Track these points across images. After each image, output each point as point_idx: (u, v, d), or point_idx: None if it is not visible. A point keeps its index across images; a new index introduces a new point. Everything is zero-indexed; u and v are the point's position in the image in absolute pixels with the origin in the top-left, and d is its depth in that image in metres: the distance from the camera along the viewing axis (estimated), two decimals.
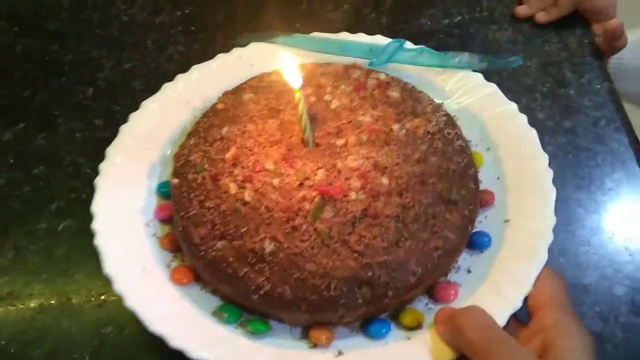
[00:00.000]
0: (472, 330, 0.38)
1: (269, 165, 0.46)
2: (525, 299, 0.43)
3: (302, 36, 0.62)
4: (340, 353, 0.42)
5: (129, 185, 0.51)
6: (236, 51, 0.60)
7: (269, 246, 0.43)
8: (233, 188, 0.46)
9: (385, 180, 0.46)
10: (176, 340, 0.42)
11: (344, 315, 0.43)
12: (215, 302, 0.46)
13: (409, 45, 0.59)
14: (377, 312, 0.44)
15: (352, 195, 0.45)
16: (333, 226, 0.43)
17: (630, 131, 0.61)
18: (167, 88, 0.57)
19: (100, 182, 0.50)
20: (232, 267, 0.44)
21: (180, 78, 0.58)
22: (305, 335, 0.44)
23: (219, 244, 0.45)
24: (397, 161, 0.47)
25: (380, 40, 0.60)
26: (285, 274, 0.43)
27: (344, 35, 0.61)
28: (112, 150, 0.52)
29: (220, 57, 0.60)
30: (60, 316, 0.50)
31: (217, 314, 0.45)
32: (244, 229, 0.44)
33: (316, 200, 0.44)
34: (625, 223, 0.54)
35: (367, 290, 0.43)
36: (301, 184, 0.45)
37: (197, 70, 0.58)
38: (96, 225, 0.47)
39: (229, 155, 0.48)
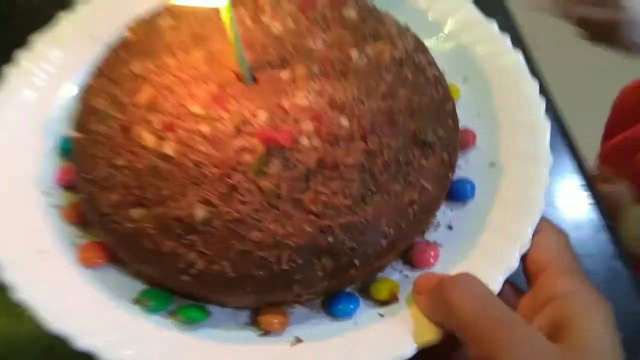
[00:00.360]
0: (467, 307, 0.30)
1: (196, 108, 0.36)
2: (522, 260, 0.35)
3: None
4: (297, 340, 0.34)
5: (16, 145, 0.40)
6: None
7: (200, 212, 0.33)
8: (150, 140, 0.35)
9: (344, 121, 0.36)
10: (85, 339, 0.32)
11: (301, 294, 0.35)
12: (137, 287, 0.36)
13: None
14: (341, 286, 0.36)
15: (304, 141, 0.35)
16: (281, 182, 0.34)
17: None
18: (65, 19, 0.45)
19: None
20: (153, 242, 0.34)
21: (82, 7, 0.46)
22: (253, 320, 0.35)
23: (136, 213, 0.34)
24: (359, 96, 0.37)
25: None
26: (223, 246, 0.33)
27: None
28: None
29: None
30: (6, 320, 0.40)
31: (139, 301, 0.35)
32: (166, 192, 0.34)
33: (258, 151, 0.35)
34: None
35: (329, 261, 0.34)
36: (238, 130, 0.35)
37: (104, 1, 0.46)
38: None
39: (142, 97, 0.37)
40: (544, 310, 0.31)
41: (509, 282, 0.35)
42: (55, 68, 0.43)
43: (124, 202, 0.35)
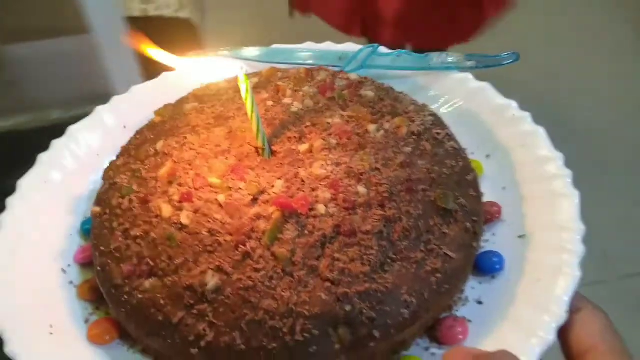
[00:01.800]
0: None
1: (213, 179, 0.36)
2: (561, 338, 0.32)
3: (259, 49, 0.54)
4: None
5: (43, 224, 0.40)
6: (185, 64, 0.51)
7: (212, 280, 0.32)
8: (167, 210, 0.35)
9: (362, 189, 0.35)
10: None
11: None
12: None
13: (383, 49, 0.51)
14: None
15: (321, 209, 0.34)
16: (297, 249, 0.33)
17: None
18: (101, 112, 0.48)
19: (5, 219, 0.40)
20: (163, 313, 0.33)
21: (117, 100, 0.49)
22: None
23: (147, 283, 0.34)
24: (376, 166, 0.37)
25: (351, 47, 0.52)
26: (234, 316, 0.32)
27: (309, 45, 0.53)
28: (25, 183, 0.42)
29: (165, 76, 0.51)
30: None
31: None
32: (179, 261, 0.33)
33: (274, 218, 0.34)
34: None
35: (346, 331, 0.31)
36: (254, 199, 0.35)
37: (136, 91, 0.49)
38: None
39: (163, 171, 0.38)
40: None
41: None
42: (86, 153, 0.45)
43: (137, 272, 0.34)
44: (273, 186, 0.36)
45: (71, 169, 0.44)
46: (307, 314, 0.31)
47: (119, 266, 0.35)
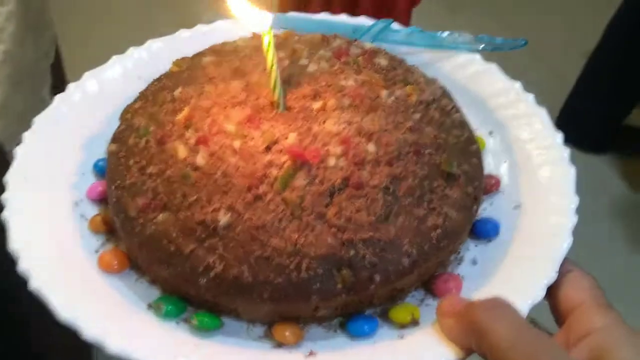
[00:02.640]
0: (502, 332, 0.28)
1: (230, 127, 0.38)
2: (550, 298, 0.34)
3: (276, 14, 0.55)
4: (312, 353, 0.32)
5: (57, 160, 0.42)
6: (200, 27, 0.53)
7: (224, 217, 0.34)
8: (182, 151, 0.37)
9: (371, 147, 0.37)
10: (92, 330, 0.31)
11: (318, 307, 0.34)
12: (153, 294, 0.36)
13: (396, 26, 0.53)
14: (360, 304, 0.35)
15: (331, 161, 0.36)
16: (306, 195, 0.34)
17: None
18: (116, 60, 0.49)
19: (19, 151, 0.41)
20: (175, 244, 0.34)
21: (133, 51, 0.50)
22: (266, 334, 0.34)
23: (160, 217, 0.35)
24: (386, 127, 0.39)
25: (365, 21, 0.54)
26: (244, 251, 0.33)
27: (324, 15, 0.55)
28: (40, 119, 0.43)
29: (181, 33, 0.52)
30: None
31: (154, 306, 0.35)
32: (193, 198, 0.35)
33: (286, 166, 0.35)
34: None
35: (348, 273, 0.33)
36: (268, 148, 0.37)
37: (153, 44, 0.50)
38: (8, 196, 0.37)
39: (180, 116, 0.39)
40: (581, 343, 0.30)
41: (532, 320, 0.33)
42: (100, 96, 0.46)
43: (151, 206, 0.35)
44: (287, 137, 0.37)
45: (85, 110, 0.45)
46: (313, 254, 0.33)
47: (134, 199, 0.36)
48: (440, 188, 0.37)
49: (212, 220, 0.34)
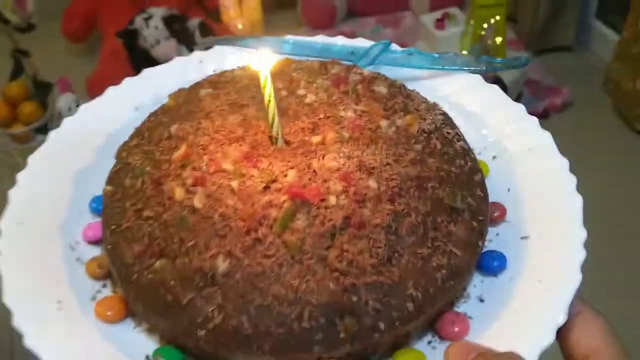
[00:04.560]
0: None
1: (227, 165, 0.37)
2: (561, 344, 0.33)
3: (273, 38, 0.54)
4: None
5: (52, 201, 0.41)
6: (197, 54, 0.52)
7: (222, 264, 0.33)
8: (180, 193, 0.36)
9: (373, 183, 0.36)
10: None
11: (321, 357, 0.32)
12: (152, 344, 0.35)
13: (395, 47, 0.52)
14: (364, 351, 0.34)
15: (332, 199, 0.35)
16: (307, 238, 0.33)
17: None
18: (113, 91, 0.48)
19: (13, 194, 0.40)
20: (172, 293, 0.33)
21: (129, 81, 0.49)
22: None
23: (158, 264, 0.34)
24: (387, 161, 0.37)
25: (363, 43, 0.52)
26: (243, 300, 0.32)
27: (321, 38, 0.53)
28: (34, 159, 0.42)
29: (178, 61, 0.51)
30: None
31: (152, 358, 0.34)
32: (190, 243, 0.34)
33: (285, 206, 0.34)
34: None
35: (352, 321, 0.32)
36: (267, 187, 0.36)
37: (149, 74, 0.49)
38: (1, 244, 0.37)
39: (177, 154, 0.38)
40: None
41: None
42: (96, 131, 0.45)
43: (148, 252, 0.35)
44: (286, 175, 0.36)
45: (80, 145, 0.45)
46: (315, 302, 0.32)
47: (130, 245, 0.35)
48: (444, 224, 0.36)
49: (210, 267, 0.33)
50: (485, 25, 1.35)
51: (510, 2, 1.51)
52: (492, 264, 0.38)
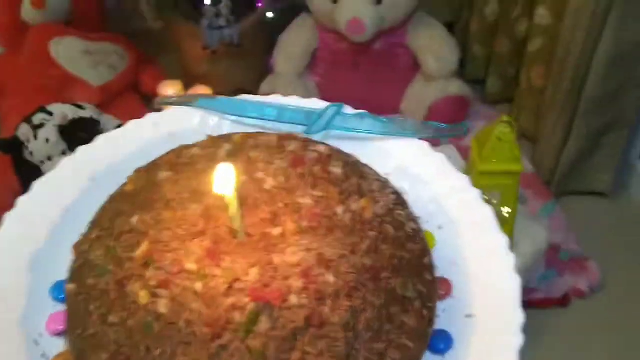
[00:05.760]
0: None
1: (190, 265, 0.38)
2: None
3: (226, 99, 0.54)
4: None
5: (9, 290, 0.41)
6: (150, 117, 0.52)
7: None
8: (144, 296, 0.37)
9: (331, 278, 0.38)
10: None
11: None
12: None
13: (348, 109, 0.53)
14: None
15: (293, 299, 0.37)
16: (270, 342, 0.35)
17: None
18: (66, 163, 0.48)
19: None
20: None
21: (82, 150, 0.49)
22: None
23: None
24: (344, 252, 0.40)
25: (316, 104, 0.54)
26: None
27: (276, 98, 0.54)
28: None
29: (132, 124, 0.51)
30: None
31: None
32: (157, 352, 0.35)
33: (249, 309, 0.36)
34: None
35: None
36: (230, 287, 0.37)
37: (102, 141, 0.49)
38: None
39: (139, 252, 0.39)
40: None
41: None
42: (50, 209, 0.45)
43: None
44: (248, 274, 0.38)
45: (36, 225, 0.44)
46: None
47: (96, 353, 0.36)
48: (398, 316, 0.39)
49: None
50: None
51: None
52: (439, 346, 0.41)
